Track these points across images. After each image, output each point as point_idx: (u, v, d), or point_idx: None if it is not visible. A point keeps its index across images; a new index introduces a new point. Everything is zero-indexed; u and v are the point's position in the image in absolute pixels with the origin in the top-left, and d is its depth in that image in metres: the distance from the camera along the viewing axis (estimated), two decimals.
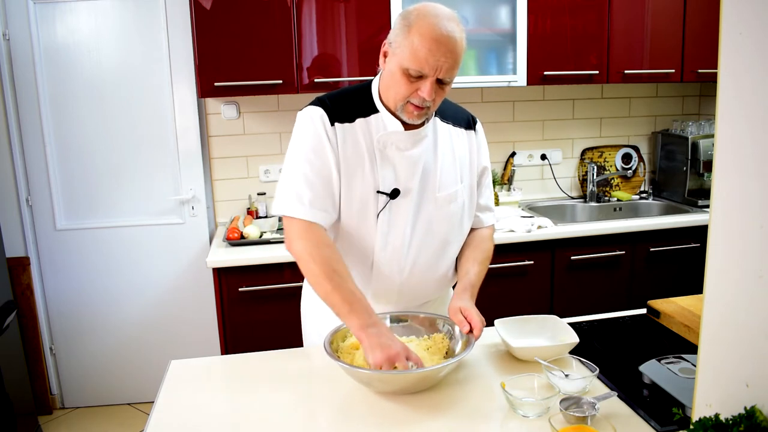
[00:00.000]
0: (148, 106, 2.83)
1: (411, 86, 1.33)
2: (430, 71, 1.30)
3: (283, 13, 2.51)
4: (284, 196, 1.40)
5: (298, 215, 1.37)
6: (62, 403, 3.05)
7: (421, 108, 1.35)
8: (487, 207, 1.62)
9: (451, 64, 1.30)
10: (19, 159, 2.78)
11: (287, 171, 1.42)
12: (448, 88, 1.37)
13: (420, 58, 1.28)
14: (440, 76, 1.31)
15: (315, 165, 1.39)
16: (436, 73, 1.30)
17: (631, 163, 3.31)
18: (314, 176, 1.38)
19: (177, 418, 1.21)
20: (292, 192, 1.39)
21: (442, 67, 1.29)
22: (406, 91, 1.34)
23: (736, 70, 0.84)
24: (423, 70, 1.29)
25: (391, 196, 1.42)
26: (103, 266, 2.91)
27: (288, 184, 1.40)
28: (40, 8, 2.69)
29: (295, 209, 1.38)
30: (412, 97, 1.34)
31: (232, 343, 2.47)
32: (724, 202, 0.88)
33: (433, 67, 1.29)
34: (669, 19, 2.83)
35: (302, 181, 1.38)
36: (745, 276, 0.84)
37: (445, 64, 1.29)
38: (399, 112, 1.39)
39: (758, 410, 0.82)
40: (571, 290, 2.72)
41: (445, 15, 1.31)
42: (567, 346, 1.35)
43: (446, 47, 1.28)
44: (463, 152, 1.52)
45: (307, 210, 1.37)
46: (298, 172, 1.39)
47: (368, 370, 1.22)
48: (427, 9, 1.32)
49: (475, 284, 1.48)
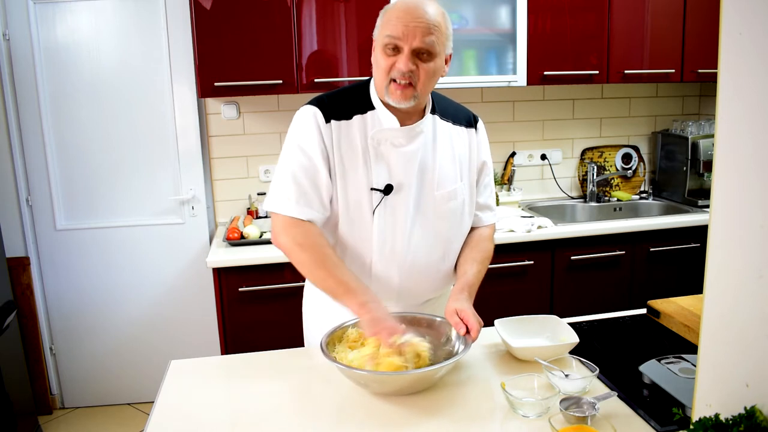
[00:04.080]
0: (148, 106, 2.83)
1: (389, 60, 1.36)
2: (404, 39, 1.32)
3: (283, 13, 2.51)
4: (272, 193, 1.43)
5: (284, 212, 1.40)
6: (62, 403, 3.05)
7: (403, 86, 1.36)
8: (487, 206, 1.61)
9: (424, 30, 1.32)
10: (19, 159, 2.78)
11: (278, 169, 1.45)
12: (431, 67, 1.37)
13: (391, 25, 1.33)
14: (415, 44, 1.32)
15: (303, 163, 1.40)
16: (409, 40, 1.32)
17: (631, 163, 3.31)
18: (302, 174, 1.40)
19: (177, 418, 1.21)
20: (280, 189, 1.42)
21: (415, 33, 1.32)
22: (385, 66, 1.36)
23: (736, 70, 0.84)
24: (395, 34, 1.33)
25: (385, 192, 1.42)
26: (103, 266, 2.91)
27: (277, 182, 1.43)
28: (40, 8, 2.69)
29: (281, 206, 1.40)
30: (393, 72, 1.35)
31: (232, 343, 2.47)
32: (724, 202, 0.88)
33: (404, 33, 1.32)
34: (669, 19, 2.83)
35: (290, 179, 1.40)
36: (745, 276, 0.84)
37: (417, 29, 1.31)
38: (386, 97, 1.39)
39: (758, 410, 0.82)
40: (571, 290, 2.72)
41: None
42: (567, 346, 1.35)
43: (415, 13, 1.32)
44: (463, 150, 1.52)
45: (293, 207, 1.39)
46: (287, 170, 1.42)
47: (365, 371, 1.22)
48: None
49: (473, 284, 1.47)
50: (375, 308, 1.30)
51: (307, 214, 1.40)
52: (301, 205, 1.40)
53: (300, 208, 1.39)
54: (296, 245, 1.38)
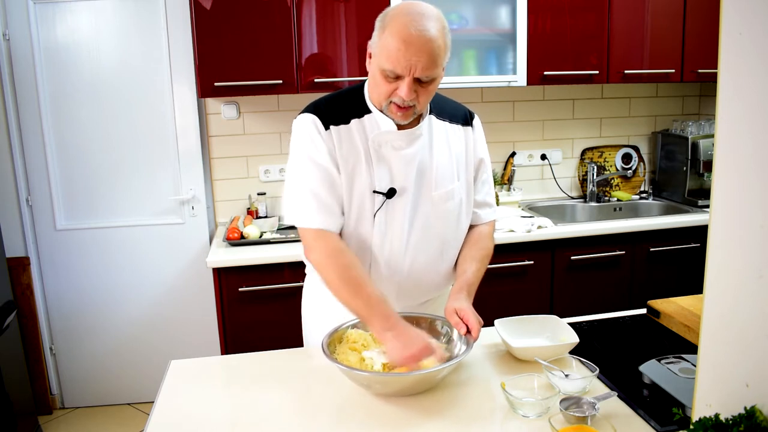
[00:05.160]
0: (148, 106, 2.83)
1: (390, 86, 1.33)
2: (404, 71, 1.29)
3: (283, 13, 2.51)
4: (293, 207, 1.43)
5: (309, 225, 1.41)
6: (62, 403, 3.05)
7: (403, 108, 1.35)
8: (486, 203, 1.60)
9: (426, 63, 1.28)
10: (19, 159, 2.78)
11: (292, 182, 1.45)
12: (432, 87, 1.36)
13: (393, 59, 1.28)
14: (416, 75, 1.30)
15: (315, 173, 1.40)
16: (411, 72, 1.29)
17: (631, 163, 3.31)
18: (317, 184, 1.40)
19: (177, 418, 1.21)
20: (300, 203, 1.42)
21: (416, 66, 1.28)
22: (386, 91, 1.34)
23: (736, 70, 0.84)
24: (396, 70, 1.29)
25: (388, 195, 1.42)
26: (103, 266, 2.91)
27: (295, 196, 1.43)
28: (40, 8, 2.69)
29: (305, 219, 1.41)
30: (393, 97, 1.34)
31: (232, 343, 2.47)
32: (724, 202, 0.88)
33: (405, 67, 1.28)
34: (669, 19, 2.83)
35: (307, 192, 1.40)
36: (745, 276, 0.84)
37: (418, 63, 1.28)
38: (386, 112, 1.39)
39: (758, 410, 0.82)
40: (571, 290, 2.72)
41: (420, 12, 1.29)
42: (567, 346, 1.35)
43: (416, 47, 1.27)
44: (460, 149, 1.52)
45: (315, 218, 1.40)
46: (302, 182, 1.42)
47: (366, 371, 1.22)
48: (403, 8, 1.31)
49: (472, 283, 1.47)
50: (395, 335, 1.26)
51: (331, 222, 1.41)
52: (324, 214, 1.40)
53: (323, 218, 1.40)
54: (325, 265, 1.39)
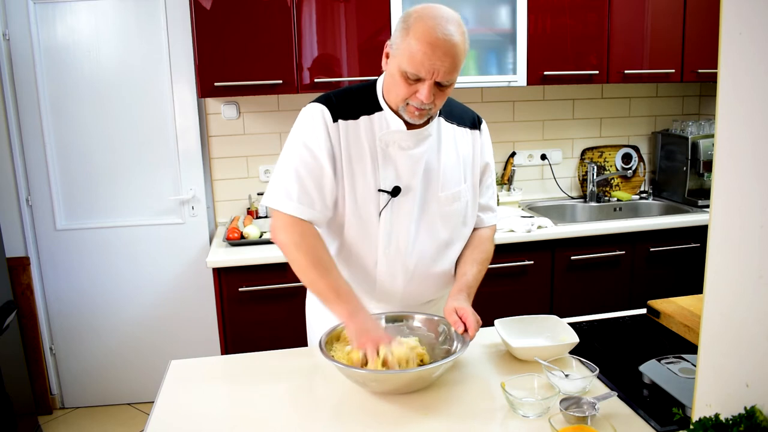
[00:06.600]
0: (148, 106, 2.83)
1: (410, 89, 1.33)
2: (427, 75, 1.29)
3: (283, 14, 2.51)
4: (274, 188, 1.42)
5: (284, 209, 1.39)
6: (62, 403, 3.05)
7: (421, 110, 1.36)
8: (489, 207, 1.61)
9: (449, 67, 1.29)
10: (19, 159, 2.78)
11: (280, 164, 1.43)
12: (449, 90, 1.37)
13: (416, 62, 1.28)
14: (438, 79, 1.30)
15: (307, 161, 1.39)
16: (433, 76, 1.29)
17: (631, 163, 3.31)
18: (305, 172, 1.39)
19: (177, 418, 1.21)
20: (282, 186, 1.40)
21: (439, 71, 1.29)
22: (405, 93, 1.34)
23: (736, 70, 0.84)
24: (420, 73, 1.29)
25: (393, 194, 1.42)
26: (103, 266, 2.91)
27: (279, 178, 1.42)
28: (40, 8, 2.69)
29: (282, 203, 1.39)
30: (411, 99, 1.34)
31: (232, 343, 2.47)
32: (724, 202, 0.87)
33: (429, 70, 1.28)
34: (669, 19, 2.83)
35: (292, 176, 1.39)
36: (745, 276, 0.84)
37: (441, 67, 1.28)
38: (401, 112, 1.39)
39: (758, 410, 0.82)
40: (571, 290, 2.72)
41: (445, 17, 1.30)
42: (567, 346, 1.35)
43: (442, 51, 1.27)
44: (467, 152, 1.53)
45: (294, 205, 1.38)
46: (290, 166, 1.40)
47: (363, 369, 1.22)
48: (427, 11, 1.31)
49: (472, 285, 1.48)
50: (363, 319, 1.30)
51: (308, 214, 1.39)
52: (303, 204, 1.39)
53: (301, 207, 1.39)
54: (293, 244, 1.37)
